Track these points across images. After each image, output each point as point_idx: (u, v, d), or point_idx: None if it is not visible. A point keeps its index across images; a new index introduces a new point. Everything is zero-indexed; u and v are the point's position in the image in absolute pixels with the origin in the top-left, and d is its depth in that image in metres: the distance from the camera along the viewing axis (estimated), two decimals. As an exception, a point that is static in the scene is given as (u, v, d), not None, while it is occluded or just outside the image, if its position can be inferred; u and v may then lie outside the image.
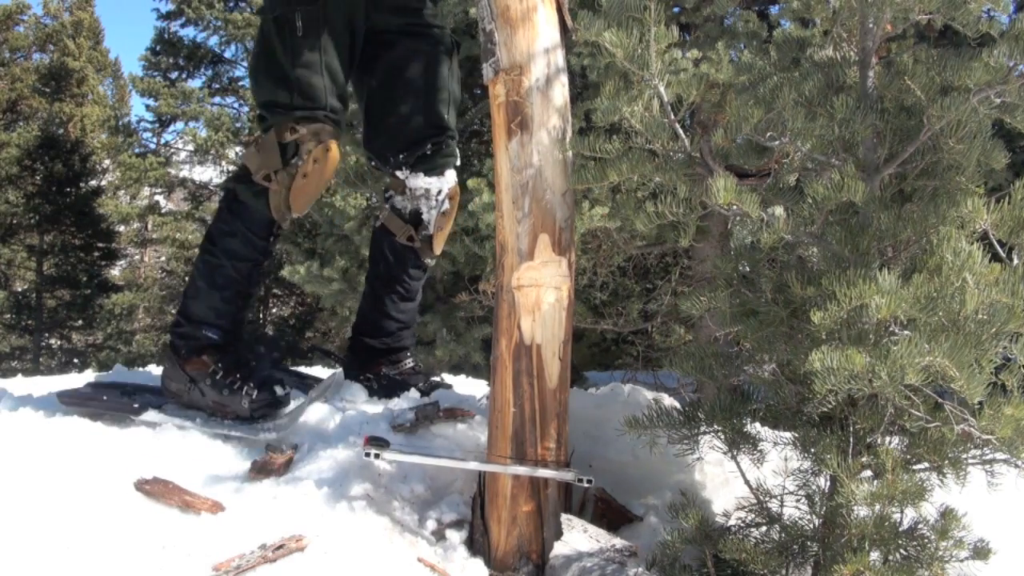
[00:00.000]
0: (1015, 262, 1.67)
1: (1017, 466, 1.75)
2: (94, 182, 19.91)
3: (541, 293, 2.00)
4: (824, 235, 1.75)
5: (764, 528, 1.94)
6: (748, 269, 1.92)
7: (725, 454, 1.98)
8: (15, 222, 18.74)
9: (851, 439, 1.75)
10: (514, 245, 2.01)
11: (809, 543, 1.84)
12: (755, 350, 1.90)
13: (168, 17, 17.31)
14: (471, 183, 6.61)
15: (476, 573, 1.98)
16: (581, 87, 6.72)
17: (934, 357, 1.51)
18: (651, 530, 2.15)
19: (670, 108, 1.89)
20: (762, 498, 1.96)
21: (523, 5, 1.99)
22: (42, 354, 18.67)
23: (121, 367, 3.89)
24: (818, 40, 2.03)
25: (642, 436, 1.96)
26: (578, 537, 2.05)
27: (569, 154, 2.02)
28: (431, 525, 2.09)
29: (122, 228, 20.73)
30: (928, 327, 1.57)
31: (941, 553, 1.70)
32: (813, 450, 1.80)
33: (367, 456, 2.00)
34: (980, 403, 1.58)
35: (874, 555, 1.71)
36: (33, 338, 18.64)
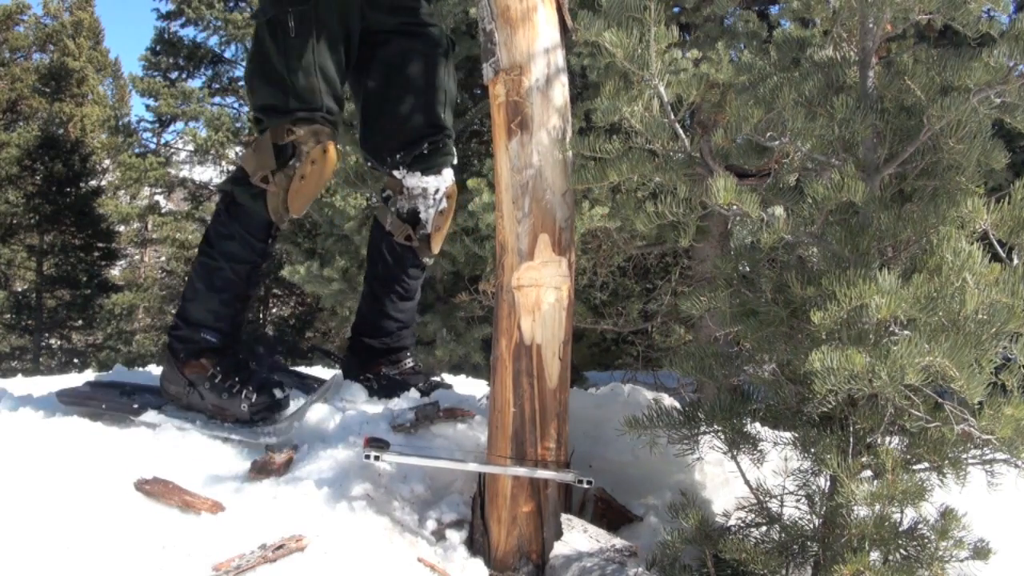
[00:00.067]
0: (1015, 262, 1.67)
1: (1017, 466, 1.75)
2: (94, 182, 19.93)
3: (541, 293, 2.00)
4: (824, 235, 1.75)
5: (764, 528, 1.94)
6: (748, 269, 1.92)
7: (725, 454, 1.98)
8: (15, 222, 18.76)
9: (851, 439, 1.75)
10: (514, 245, 2.01)
11: (809, 543, 1.84)
12: (755, 350, 1.90)
13: (168, 17, 17.32)
14: (471, 183, 6.61)
15: (476, 573, 1.98)
16: (581, 87, 6.72)
17: (934, 357, 1.51)
18: (651, 530, 2.15)
19: (670, 108, 1.89)
20: (762, 498, 1.96)
21: (523, 5, 1.99)
22: (42, 354, 18.67)
23: (121, 367, 3.89)
24: (818, 40, 2.03)
25: (642, 436, 1.96)
26: (578, 537, 2.05)
27: (569, 154, 2.02)
28: (431, 525, 2.09)
29: (122, 228, 20.74)
30: (928, 327, 1.57)
31: (941, 553, 1.70)
32: (813, 450, 1.80)
33: (367, 458, 2.00)
34: (980, 403, 1.58)
35: (874, 555, 1.71)
36: (33, 338, 18.65)
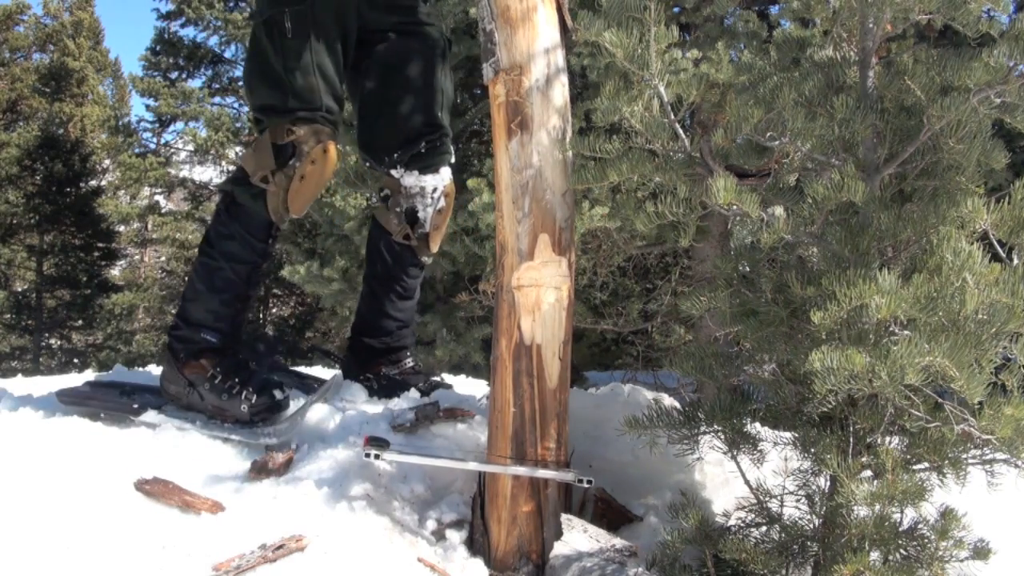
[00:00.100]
0: (1015, 262, 1.67)
1: (1017, 466, 1.75)
2: (94, 182, 19.93)
3: (541, 293, 2.00)
4: (824, 235, 1.75)
5: (764, 528, 1.94)
6: (748, 269, 1.92)
7: (725, 454, 1.98)
8: (15, 222, 18.76)
9: (851, 439, 1.75)
10: (514, 245, 2.01)
11: (809, 543, 1.84)
12: (755, 350, 1.90)
13: (168, 17, 17.33)
14: (471, 183, 6.61)
15: (476, 573, 1.98)
16: (581, 87, 6.72)
17: (934, 357, 1.51)
18: (651, 530, 2.15)
19: (670, 108, 1.89)
20: (762, 498, 1.96)
21: (523, 5, 1.99)
22: (42, 354, 18.67)
23: (121, 367, 3.89)
24: (818, 40, 2.03)
25: (642, 436, 1.96)
26: (578, 537, 2.05)
27: (569, 154, 2.02)
28: (431, 525, 2.09)
29: (122, 228, 20.75)
30: (928, 327, 1.57)
31: (941, 553, 1.70)
32: (813, 450, 1.80)
33: (367, 457, 2.00)
34: (980, 403, 1.58)
35: (874, 555, 1.71)
36: (33, 338, 18.64)
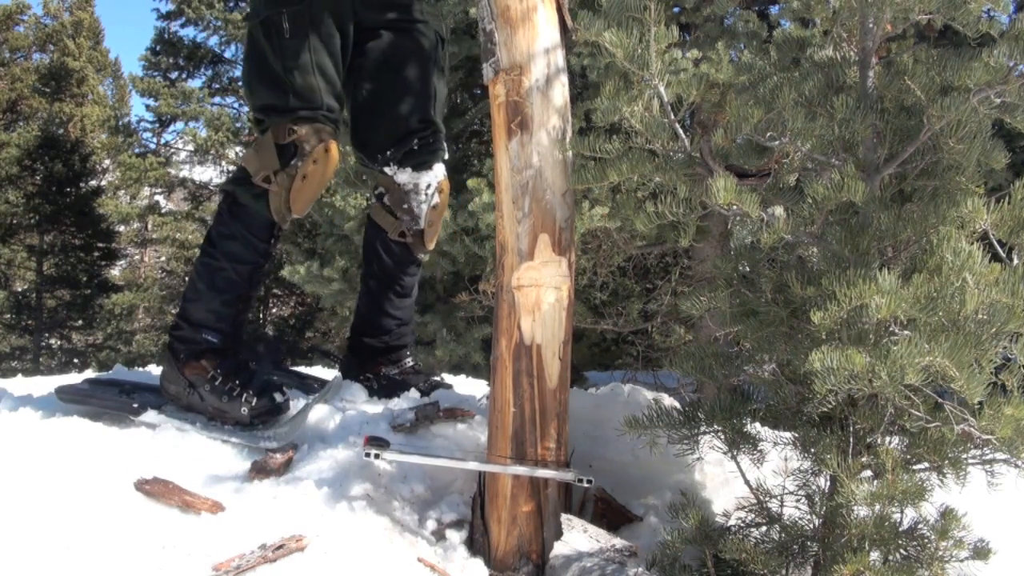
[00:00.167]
0: (1015, 262, 1.67)
1: (1017, 466, 1.75)
2: (94, 182, 19.91)
3: (541, 293, 2.00)
4: (824, 235, 1.75)
5: (764, 528, 1.94)
6: (748, 269, 1.92)
7: (725, 454, 1.98)
8: (15, 222, 18.74)
9: (851, 439, 1.75)
10: (514, 245, 2.01)
11: (809, 543, 1.84)
12: (755, 350, 1.90)
13: (168, 17, 17.31)
14: (471, 183, 6.61)
15: (476, 573, 1.98)
16: (581, 87, 6.72)
17: (934, 357, 1.51)
18: (651, 530, 2.15)
19: (670, 108, 1.89)
20: (762, 498, 1.96)
21: (523, 5, 1.99)
22: (42, 354, 18.66)
23: (121, 367, 3.88)
24: (818, 40, 2.03)
25: (642, 436, 1.96)
26: (578, 537, 2.05)
27: (569, 154, 2.02)
28: (431, 525, 2.09)
29: (122, 228, 20.73)
30: (928, 327, 1.57)
31: (941, 553, 1.70)
32: (813, 450, 1.80)
33: (367, 456, 2.00)
34: (980, 403, 1.58)
35: (874, 555, 1.71)
36: (33, 338, 18.64)
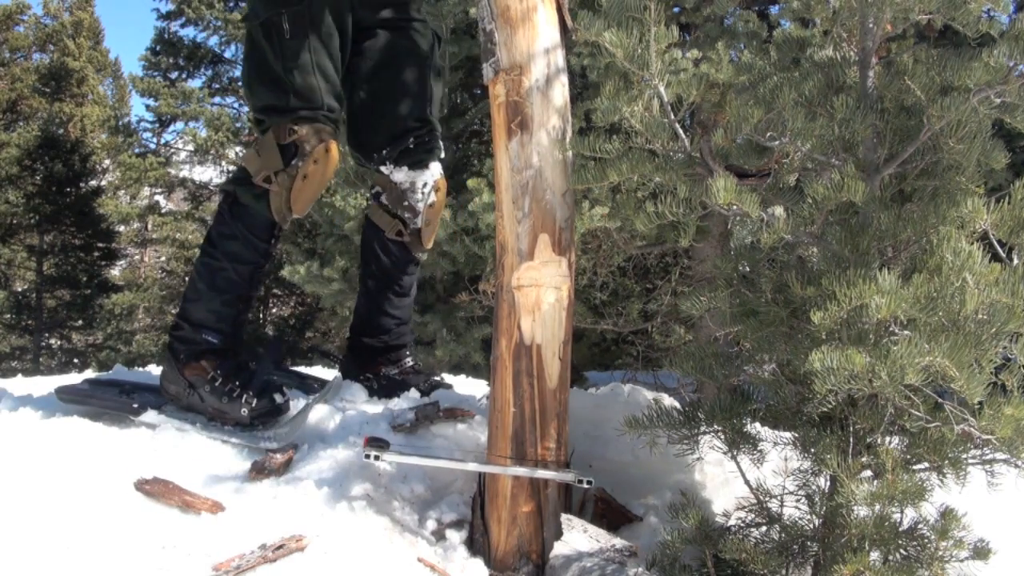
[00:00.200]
0: (1015, 262, 1.67)
1: (1017, 466, 1.75)
2: (94, 182, 19.90)
3: (541, 293, 2.00)
4: (824, 235, 1.75)
5: (764, 528, 1.94)
6: (748, 269, 1.92)
7: (725, 454, 1.98)
8: (15, 222, 18.73)
9: (851, 439, 1.75)
10: (514, 245, 2.01)
11: (809, 543, 1.84)
12: (755, 350, 1.90)
13: (168, 17, 17.31)
14: (471, 183, 6.62)
15: (476, 573, 1.98)
16: (581, 87, 6.73)
17: (934, 357, 1.51)
18: (651, 530, 2.15)
19: (670, 108, 1.89)
20: (762, 498, 1.96)
21: (523, 5, 1.99)
22: (42, 354, 18.66)
23: (121, 367, 3.89)
24: (818, 40, 2.04)
25: (642, 436, 1.96)
26: (578, 537, 2.05)
27: (569, 154, 2.02)
28: (431, 525, 2.09)
29: (122, 228, 20.72)
30: (928, 327, 1.57)
31: (941, 553, 1.70)
32: (813, 450, 1.80)
33: (367, 458, 2.00)
34: (980, 403, 1.58)
35: (874, 555, 1.71)
36: (33, 338, 18.63)
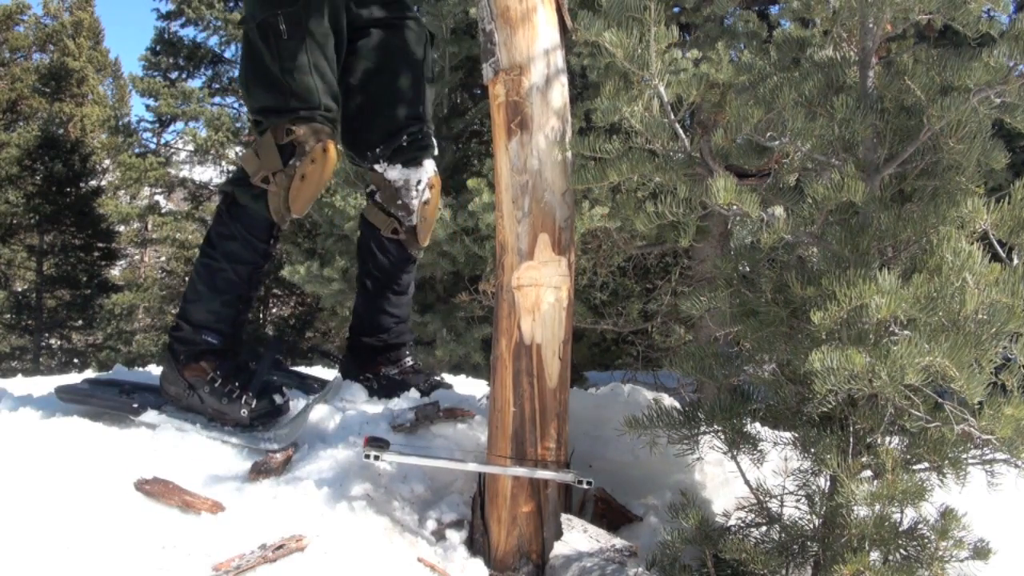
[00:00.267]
0: (1015, 262, 1.67)
1: (1017, 466, 1.75)
2: (94, 182, 19.90)
3: (541, 293, 2.00)
4: (824, 235, 1.75)
5: (764, 528, 1.94)
6: (748, 269, 1.92)
7: (725, 454, 1.98)
8: (15, 222, 18.73)
9: (851, 439, 1.75)
10: (514, 245, 2.01)
11: (809, 543, 1.84)
12: (755, 350, 1.90)
13: (168, 17, 17.31)
14: (471, 183, 6.62)
15: (476, 573, 1.98)
16: (581, 87, 6.73)
17: (934, 357, 1.51)
18: (651, 530, 2.15)
19: (670, 108, 1.89)
20: (762, 498, 1.96)
21: (523, 5, 1.99)
22: (42, 354, 18.66)
23: (121, 367, 3.88)
24: (818, 40, 2.04)
25: (642, 436, 1.96)
26: (578, 537, 2.05)
27: (569, 154, 2.02)
28: (431, 525, 2.09)
29: (122, 228, 20.72)
30: (928, 327, 1.57)
31: (941, 553, 1.70)
32: (813, 450, 1.80)
33: (367, 458, 2.00)
34: (980, 403, 1.58)
35: (874, 555, 1.71)
36: (33, 338, 18.63)
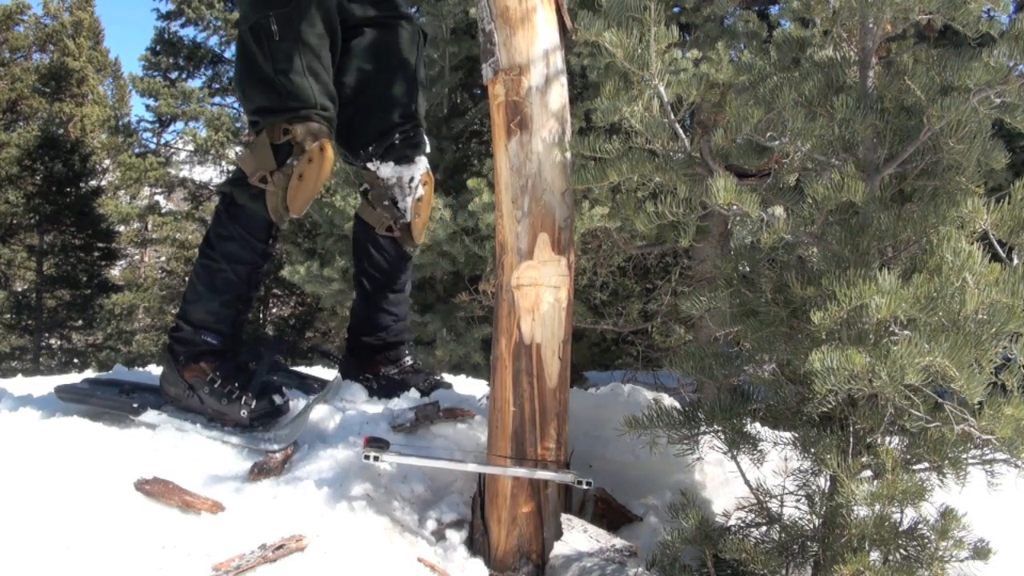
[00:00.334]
0: (1015, 262, 1.67)
1: (1017, 466, 1.75)
2: (94, 182, 19.89)
3: (541, 292, 2.00)
4: (824, 235, 1.75)
5: (764, 528, 1.94)
6: (748, 269, 1.92)
7: (725, 454, 1.98)
8: (15, 222, 18.73)
9: (851, 439, 1.75)
10: (514, 245, 2.01)
11: (809, 543, 1.84)
12: (755, 350, 1.90)
13: (168, 17, 17.33)
14: (471, 183, 6.62)
15: (476, 573, 1.98)
16: (581, 87, 6.73)
17: (934, 357, 1.51)
18: (651, 530, 2.15)
19: (670, 108, 1.89)
20: (762, 498, 1.96)
21: (523, 6, 1.99)
22: (42, 354, 18.65)
23: (121, 367, 3.88)
24: (818, 40, 2.03)
25: (642, 436, 1.96)
26: (578, 537, 2.05)
27: (568, 154, 2.02)
28: (431, 525, 2.09)
29: (122, 228, 20.71)
30: (928, 327, 1.57)
31: (941, 553, 1.70)
32: (813, 450, 1.80)
33: (366, 459, 2.00)
34: (980, 403, 1.58)
35: (874, 555, 1.71)
36: (33, 338, 18.63)
